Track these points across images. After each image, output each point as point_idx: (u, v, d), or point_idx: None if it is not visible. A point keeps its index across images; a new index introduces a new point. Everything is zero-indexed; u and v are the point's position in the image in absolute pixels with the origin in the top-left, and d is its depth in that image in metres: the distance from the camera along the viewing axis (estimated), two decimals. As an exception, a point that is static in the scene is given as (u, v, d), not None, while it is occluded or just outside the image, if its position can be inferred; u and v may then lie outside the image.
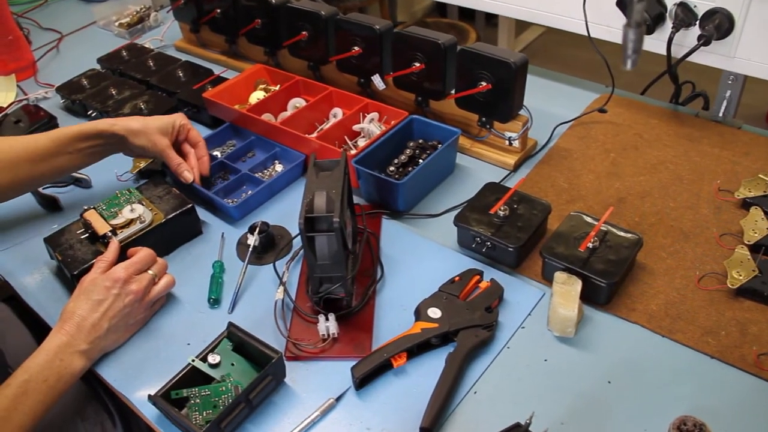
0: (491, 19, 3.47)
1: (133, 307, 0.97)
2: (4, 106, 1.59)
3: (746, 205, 1.09)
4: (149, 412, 0.89)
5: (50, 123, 1.50)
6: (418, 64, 1.22)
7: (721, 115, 1.30)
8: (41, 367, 0.88)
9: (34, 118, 1.50)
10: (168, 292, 1.04)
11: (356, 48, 1.30)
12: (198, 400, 0.86)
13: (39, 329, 1.12)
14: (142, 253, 1.02)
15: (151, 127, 1.17)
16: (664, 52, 1.23)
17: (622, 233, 0.99)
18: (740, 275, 0.95)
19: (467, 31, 2.79)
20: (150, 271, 1.00)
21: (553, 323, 0.92)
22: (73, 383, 0.91)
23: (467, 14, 3.50)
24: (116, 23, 1.91)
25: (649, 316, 0.94)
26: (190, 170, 1.19)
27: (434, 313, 0.93)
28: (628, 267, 0.96)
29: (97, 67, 1.67)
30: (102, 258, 1.00)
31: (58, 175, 1.18)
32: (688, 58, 1.23)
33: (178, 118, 1.21)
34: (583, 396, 0.86)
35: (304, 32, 1.38)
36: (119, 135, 1.15)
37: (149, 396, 0.86)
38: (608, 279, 0.93)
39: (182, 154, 1.21)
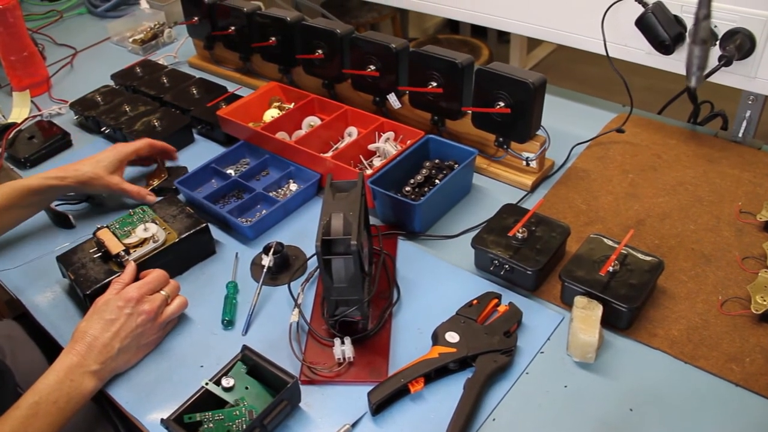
0: (503, 35, 3.47)
1: (146, 327, 0.96)
2: (19, 122, 1.59)
3: (769, 227, 1.07)
4: (161, 436, 0.88)
5: (64, 139, 1.50)
6: (435, 85, 1.21)
7: (740, 135, 1.28)
8: (51, 389, 0.87)
9: (48, 134, 1.51)
10: (181, 313, 1.03)
11: (372, 67, 1.29)
12: (211, 425, 0.85)
13: (50, 348, 1.11)
14: (155, 274, 1.01)
15: (99, 172, 1.19)
16: (684, 72, 1.21)
17: (642, 256, 0.98)
18: (764, 300, 0.93)
19: (479, 48, 2.79)
20: (163, 292, 1.00)
21: (573, 348, 0.91)
22: (84, 404, 0.90)
23: (479, 31, 3.50)
24: (130, 39, 1.91)
25: (670, 341, 0.92)
26: (150, 194, 1.25)
27: (452, 337, 0.91)
28: (649, 291, 0.94)
29: (111, 83, 1.67)
30: (118, 279, 1.00)
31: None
32: (708, 79, 1.21)
33: (120, 149, 1.24)
34: (604, 423, 0.84)
35: (319, 50, 1.37)
36: (71, 187, 1.19)
37: (162, 420, 0.84)
38: (629, 304, 0.91)
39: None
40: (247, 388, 0.89)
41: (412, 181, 1.18)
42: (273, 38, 1.46)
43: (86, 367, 0.90)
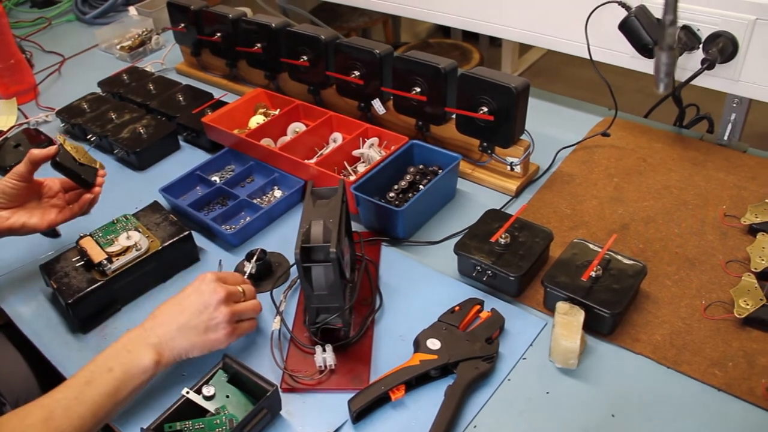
0: (495, 39, 3.46)
1: (217, 309, 0.90)
2: (5, 129, 1.59)
3: (753, 231, 1.06)
4: (142, 446, 0.87)
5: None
6: (419, 90, 1.21)
7: (726, 138, 1.28)
8: (107, 357, 0.84)
9: (34, 142, 1.50)
10: (257, 325, 0.98)
11: (356, 73, 1.29)
12: (191, 434, 0.84)
13: (34, 358, 1.11)
14: (235, 274, 0.99)
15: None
16: (668, 76, 1.21)
17: (625, 261, 0.97)
18: (747, 304, 0.92)
19: (471, 52, 2.79)
20: (239, 287, 0.95)
21: (555, 354, 0.90)
22: (144, 382, 0.85)
23: (471, 35, 3.50)
24: (118, 46, 1.91)
25: (653, 346, 0.92)
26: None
27: (433, 344, 0.91)
28: (632, 296, 0.94)
29: (98, 90, 1.67)
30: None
31: None
32: (692, 82, 1.21)
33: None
34: (587, 430, 0.83)
35: (304, 56, 1.37)
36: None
37: (141, 429, 0.84)
38: (611, 309, 0.90)
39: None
40: (228, 396, 0.88)
41: (396, 186, 1.18)
42: (258, 45, 1.45)
43: (146, 338, 0.86)
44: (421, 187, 1.17)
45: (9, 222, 1.05)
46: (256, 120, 1.39)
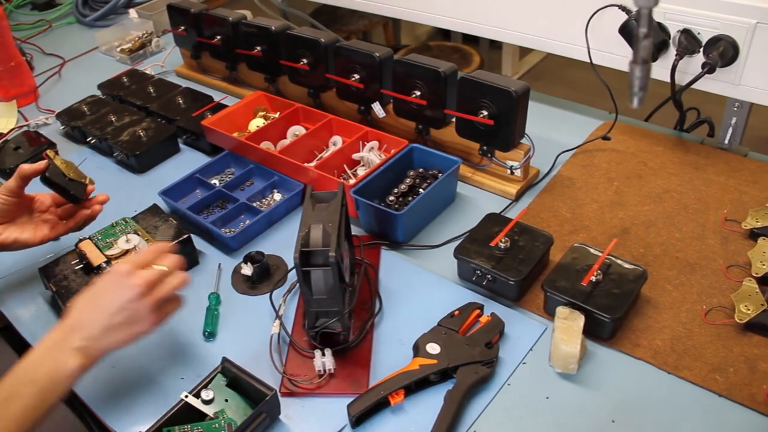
0: (495, 42, 3.46)
1: (136, 303, 0.83)
2: (5, 132, 1.58)
3: (754, 235, 1.06)
4: (141, 450, 0.87)
5: (49, 149, 1.49)
6: (418, 94, 1.21)
7: (726, 142, 1.28)
8: (31, 367, 0.80)
9: (34, 144, 1.50)
10: (182, 297, 0.91)
11: (356, 76, 1.29)
12: (190, 438, 0.84)
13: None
14: (153, 247, 0.91)
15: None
16: (668, 79, 1.21)
17: (626, 265, 0.97)
18: (748, 309, 0.92)
19: (471, 55, 2.79)
20: (160, 266, 0.88)
21: (555, 359, 0.90)
22: (69, 386, 0.81)
23: (471, 37, 3.49)
24: (118, 49, 1.91)
25: (654, 351, 0.92)
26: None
27: (433, 348, 0.91)
28: (632, 301, 0.94)
29: (98, 93, 1.67)
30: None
31: None
32: (693, 86, 1.21)
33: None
34: (587, 436, 0.83)
35: (304, 59, 1.37)
36: None
37: (140, 433, 0.84)
38: (612, 314, 0.90)
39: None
40: (226, 400, 0.88)
41: (395, 190, 1.17)
42: (258, 48, 1.45)
43: (69, 342, 0.81)
44: (420, 190, 1.17)
45: (1, 238, 1.05)
46: (256, 123, 1.39)
